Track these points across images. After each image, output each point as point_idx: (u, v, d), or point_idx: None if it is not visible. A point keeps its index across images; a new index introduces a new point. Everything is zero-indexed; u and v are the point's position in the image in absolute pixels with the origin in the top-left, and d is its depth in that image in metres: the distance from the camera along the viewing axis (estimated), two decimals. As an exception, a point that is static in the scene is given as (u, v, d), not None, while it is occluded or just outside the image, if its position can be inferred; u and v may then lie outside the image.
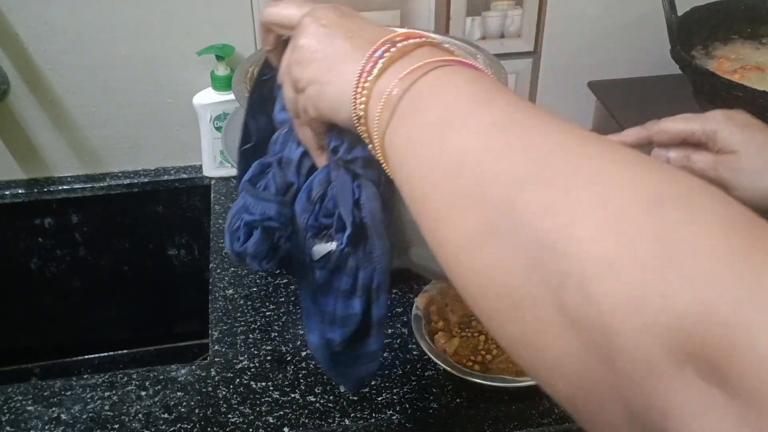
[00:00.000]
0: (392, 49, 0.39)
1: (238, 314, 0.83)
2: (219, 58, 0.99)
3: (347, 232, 0.48)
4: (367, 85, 0.39)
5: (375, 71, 0.39)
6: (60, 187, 1.07)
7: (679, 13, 0.94)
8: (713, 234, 0.25)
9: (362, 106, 0.40)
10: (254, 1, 0.99)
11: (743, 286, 0.23)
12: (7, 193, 1.06)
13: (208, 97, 1.02)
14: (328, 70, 0.42)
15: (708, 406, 0.23)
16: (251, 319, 0.82)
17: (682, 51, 0.89)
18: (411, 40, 0.40)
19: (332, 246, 0.49)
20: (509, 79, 0.98)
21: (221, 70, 1.00)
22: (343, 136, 0.46)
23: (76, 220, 1.10)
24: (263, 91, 0.54)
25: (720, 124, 0.56)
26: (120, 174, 1.09)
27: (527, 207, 0.29)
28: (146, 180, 1.09)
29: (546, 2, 1.07)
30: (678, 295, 0.24)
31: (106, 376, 0.76)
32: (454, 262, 0.33)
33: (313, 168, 0.51)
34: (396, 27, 0.98)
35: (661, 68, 1.04)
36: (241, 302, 0.85)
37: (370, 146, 0.41)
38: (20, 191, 1.06)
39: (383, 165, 0.41)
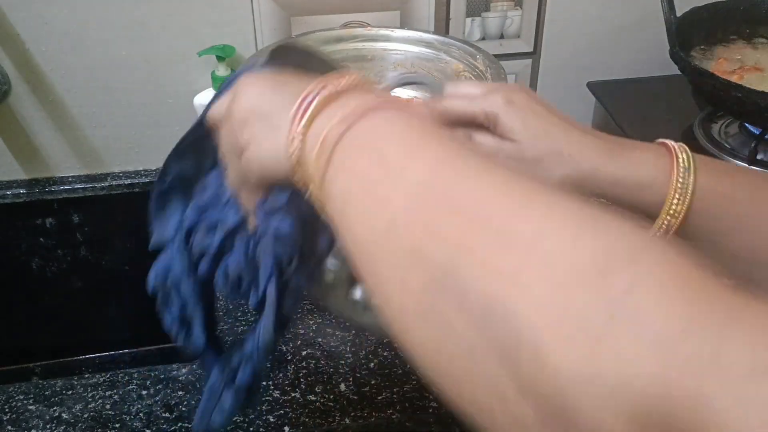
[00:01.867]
0: (323, 92, 0.39)
1: (239, 314, 0.83)
2: (219, 58, 1.00)
3: (258, 298, 0.48)
4: (300, 129, 0.38)
5: (306, 116, 0.38)
6: (61, 187, 1.07)
7: (678, 14, 0.94)
8: (666, 300, 0.24)
9: (296, 154, 0.39)
10: (255, 1, 0.99)
11: (703, 357, 0.22)
12: (8, 193, 1.06)
13: (208, 98, 1.01)
14: (263, 126, 0.41)
15: None
16: (251, 319, 0.83)
17: (681, 52, 0.90)
18: (343, 81, 0.39)
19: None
20: (509, 80, 0.99)
21: (222, 71, 1.01)
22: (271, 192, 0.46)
23: (77, 220, 1.10)
24: (201, 140, 0.52)
25: (500, 108, 0.51)
26: (121, 174, 1.10)
27: (470, 269, 0.28)
28: (147, 180, 1.09)
29: (546, 3, 1.07)
30: (635, 367, 0.23)
31: (107, 376, 0.76)
32: (401, 321, 0.32)
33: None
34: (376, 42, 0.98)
35: (661, 69, 1.04)
36: (242, 302, 0.85)
37: (308, 194, 0.40)
38: (21, 191, 1.07)
39: (323, 211, 0.40)
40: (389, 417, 0.71)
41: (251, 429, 0.70)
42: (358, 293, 0.48)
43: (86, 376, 0.76)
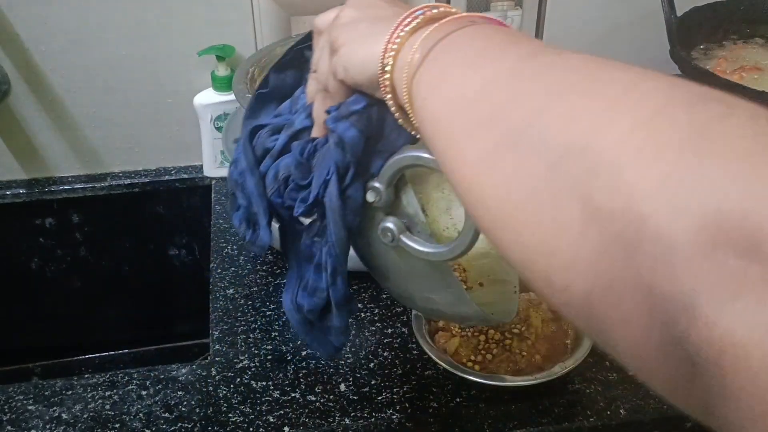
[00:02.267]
0: (431, 11, 0.41)
1: (239, 314, 0.83)
2: (219, 58, 1.00)
3: (307, 203, 0.50)
4: (402, 34, 0.40)
5: (412, 24, 0.40)
6: (60, 187, 1.07)
7: (679, 14, 0.94)
8: (755, 127, 0.24)
9: (391, 54, 0.40)
10: (254, 1, 0.99)
11: None
12: (7, 193, 1.06)
13: (208, 98, 1.02)
14: (366, 32, 0.44)
15: (743, 284, 0.22)
16: (251, 319, 0.83)
17: (681, 51, 0.90)
18: (454, 9, 0.42)
19: (314, 216, 0.52)
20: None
21: (222, 71, 1.01)
22: (343, 102, 0.47)
23: (76, 220, 1.10)
24: (303, 54, 0.55)
25: None
26: (120, 174, 1.09)
27: (555, 115, 0.29)
28: (147, 180, 1.09)
29: (546, 2, 1.07)
30: (716, 179, 0.23)
31: (107, 376, 0.76)
32: (473, 180, 0.33)
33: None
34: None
35: (661, 68, 1.03)
36: (242, 302, 0.85)
37: (389, 98, 0.42)
38: (21, 191, 1.07)
39: (398, 113, 0.42)
40: (389, 417, 0.71)
41: (251, 429, 0.70)
42: (390, 223, 0.50)
43: (86, 376, 0.76)
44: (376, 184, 0.48)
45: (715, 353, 0.22)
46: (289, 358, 0.78)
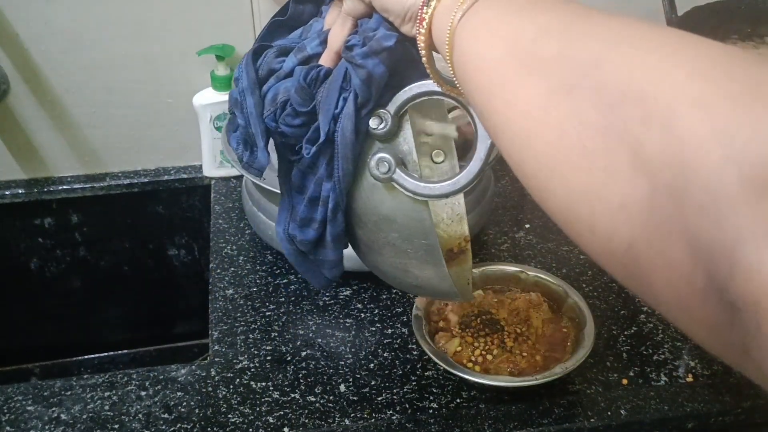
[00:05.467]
0: None
1: (238, 314, 0.83)
2: (219, 57, 0.99)
3: (318, 143, 0.49)
4: None
5: None
6: (60, 187, 1.07)
7: (680, 13, 0.94)
8: None
9: None
10: (254, 1, 0.99)
11: None
12: (7, 193, 1.06)
13: (208, 97, 1.02)
14: None
15: None
16: (251, 319, 0.82)
17: (682, 51, 0.90)
18: None
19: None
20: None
21: (221, 70, 1.00)
22: (367, 35, 0.47)
23: (76, 220, 1.10)
24: None
25: None
26: (120, 174, 1.09)
27: (612, 65, 0.29)
28: (146, 180, 1.09)
29: (546, 2, 1.07)
30: (766, 129, 0.24)
31: (106, 376, 0.76)
32: (522, 124, 0.33)
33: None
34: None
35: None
36: (241, 302, 0.85)
37: (421, 33, 0.41)
38: (20, 191, 1.06)
39: (425, 51, 0.42)
40: (389, 418, 0.71)
41: (250, 430, 0.70)
42: (387, 153, 0.49)
43: (85, 376, 0.76)
44: (384, 111, 0.48)
45: (754, 299, 0.23)
46: (289, 358, 0.78)
